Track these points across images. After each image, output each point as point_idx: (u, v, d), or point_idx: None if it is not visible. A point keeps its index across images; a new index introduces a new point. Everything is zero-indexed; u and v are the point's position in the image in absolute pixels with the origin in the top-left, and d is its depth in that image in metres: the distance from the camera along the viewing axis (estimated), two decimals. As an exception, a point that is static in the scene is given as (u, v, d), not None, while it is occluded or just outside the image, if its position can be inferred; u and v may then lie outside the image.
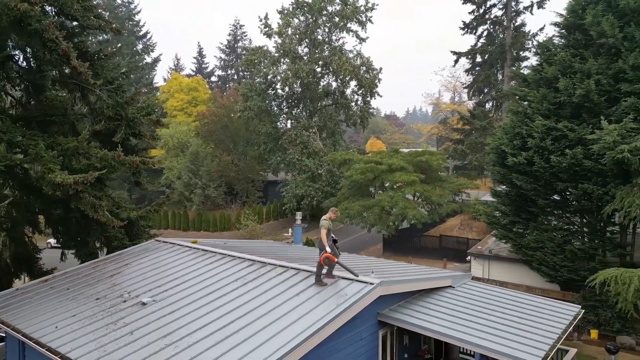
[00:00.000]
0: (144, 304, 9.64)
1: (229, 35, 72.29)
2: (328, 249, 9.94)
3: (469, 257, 27.37)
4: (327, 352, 8.67)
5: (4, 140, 11.44)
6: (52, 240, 32.71)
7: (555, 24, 21.82)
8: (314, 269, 10.30)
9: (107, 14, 59.74)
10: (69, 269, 12.32)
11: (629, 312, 14.86)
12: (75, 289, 10.82)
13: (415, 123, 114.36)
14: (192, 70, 75.96)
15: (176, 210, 47.25)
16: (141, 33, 62.06)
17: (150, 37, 63.11)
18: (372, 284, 9.42)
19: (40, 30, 10.55)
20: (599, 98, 18.07)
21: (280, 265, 10.89)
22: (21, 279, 16.68)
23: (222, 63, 73.42)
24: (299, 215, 17.48)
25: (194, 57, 76.48)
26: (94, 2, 12.88)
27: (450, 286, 12.14)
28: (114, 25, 13.53)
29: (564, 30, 21.62)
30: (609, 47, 18.62)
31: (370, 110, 47.74)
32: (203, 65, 76.80)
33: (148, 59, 63.05)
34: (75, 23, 12.63)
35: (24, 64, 12.81)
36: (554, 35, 23.11)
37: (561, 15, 21.46)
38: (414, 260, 31.10)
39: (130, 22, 61.33)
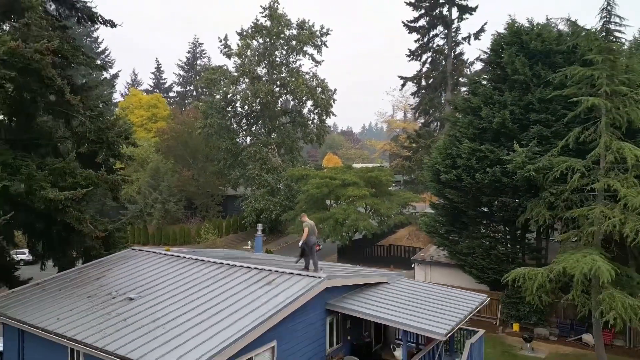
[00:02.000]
0: (131, 299, 11.55)
1: (188, 52, 73.83)
2: (301, 242, 12.69)
3: (413, 264, 30.34)
4: (285, 331, 10.96)
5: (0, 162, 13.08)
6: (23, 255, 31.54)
7: (481, 60, 25.45)
8: (274, 269, 12.58)
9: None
10: (57, 274, 13.93)
11: (535, 304, 17.97)
12: (66, 290, 12.52)
13: (370, 139, 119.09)
14: (150, 86, 76.66)
15: (135, 224, 47.92)
16: (99, 49, 62.51)
17: (108, 54, 63.71)
18: (320, 277, 11.83)
19: (39, 69, 12.34)
20: (513, 125, 21.55)
21: (245, 267, 13.09)
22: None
23: (180, 79, 74.66)
24: (259, 227, 19.65)
25: (152, 73, 77.39)
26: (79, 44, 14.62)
27: (386, 282, 14.72)
28: (98, 62, 15.38)
29: (488, 65, 25.25)
30: (521, 83, 22.22)
31: (326, 128, 50.65)
32: (161, 81, 77.67)
33: (107, 75, 63.44)
34: (65, 61, 14.43)
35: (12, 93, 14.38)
36: (482, 68, 26.81)
37: (485, 52, 25.09)
38: (366, 268, 33.76)
39: (89, 39, 61.74)
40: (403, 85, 48.13)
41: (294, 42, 48.71)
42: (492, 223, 25.00)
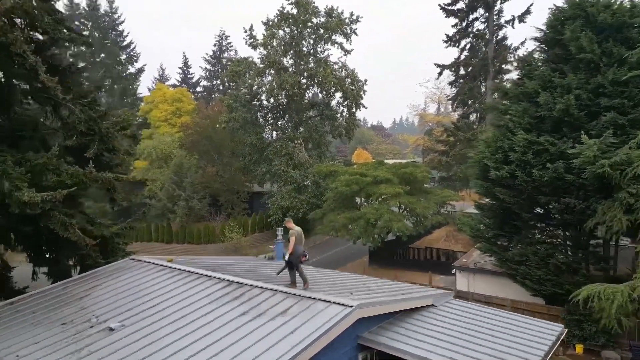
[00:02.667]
0: (111, 329, 9.21)
1: (215, 45, 72.14)
2: (287, 255, 10.87)
3: (454, 270, 27.25)
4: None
5: (-33, 158, 10.99)
6: None
7: (535, 39, 22.01)
8: (292, 292, 10.00)
9: (90, 23, 59.26)
10: (38, 290, 11.81)
11: (613, 328, 14.78)
12: (41, 313, 10.34)
13: (402, 134, 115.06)
14: (177, 81, 75.47)
15: (159, 222, 46.49)
16: (125, 43, 61.51)
17: (134, 48, 62.65)
18: (350, 306, 9.14)
19: (7, 44, 10.18)
20: (579, 113, 18.16)
21: (257, 287, 10.55)
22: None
23: (207, 73, 73.10)
24: (280, 231, 17.08)
25: (179, 68, 76.09)
26: (64, 14, 12.45)
27: (432, 305, 11.91)
28: (85, 38, 13.15)
29: (543, 45, 21.82)
30: (588, 62, 18.78)
31: (355, 122, 47.75)
32: (188, 76, 76.39)
33: (132, 69, 62.50)
34: (45, 37, 12.27)
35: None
36: (534, 49, 23.36)
37: (541, 30, 21.66)
38: (400, 272, 30.91)
39: (114, 32, 60.80)
40: (439, 74, 44.66)
41: (321, 31, 45.92)
42: (549, 227, 21.64)
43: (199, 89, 75.16)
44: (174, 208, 44.91)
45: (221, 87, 69.66)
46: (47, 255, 14.25)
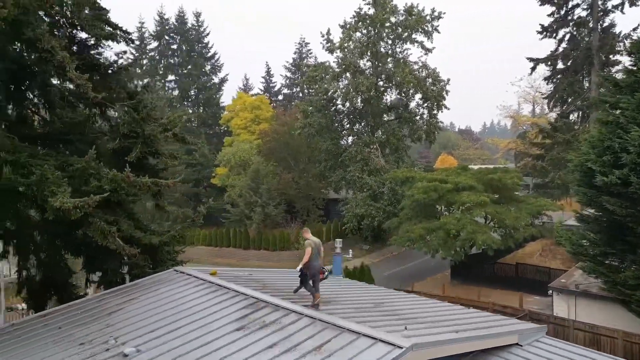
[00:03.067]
0: (125, 355, 8.13)
1: (295, 53, 72.51)
2: (300, 266, 9.81)
3: (550, 292, 23.52)
4: None
5: (9, 161, 10.67)
6: None
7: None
8: (333, 322, 8.20)
9: (178, 37, 62.35)
10: (74, 302, 11.28)
11: None
12: (66, 329, 9.63)
13: (492, 137, 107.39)
14: (260, 90, 76.99)
15: (237, 228, 47.05)
16: (209, 54, 63.87)
17: (218, 59, 64.79)
18: (401, 347, 7.13)
19: (34, 40, 9.74)
20: None
21: (294, 312, 8.90)
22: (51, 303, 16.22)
23: (287, 81, 73.69)
24: (338, 243, 15.32)
25: (262, 77, 77.56)
26: (107, 10, 11.98)
27: (516, 344, 9.42)
28: (130, 34, 12.57)
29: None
30: None
31: (437, 124, 44.62)
32: (271, 85, 77.58)
33: (215, 79, 64.71)
34: (87, 34, 11.87)
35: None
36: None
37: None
38: (485, 290, 27.62)
39: (200, 44, 63.43)
40: (533, 69, 40.25)
41: (400, 30, 43.67)
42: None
43: (280, 97, 76.07)
44: (251, 214, 45.14)
45: (300, 95, 69.75)
46: (96, 264, 13.86)
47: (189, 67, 62.08)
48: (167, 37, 62.89)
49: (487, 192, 29.28)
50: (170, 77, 64.00)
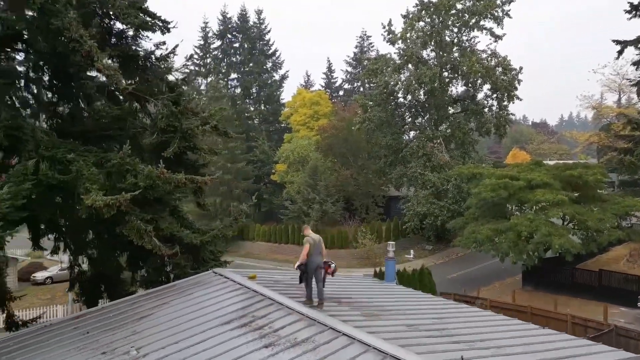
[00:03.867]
0: (141, 369, 7.41)
1: (356, 47, 71.00)
2: (298, 263, 9.60)
3: (641, 305, 20.56)
4: None
5: (47, 157, 10.42)
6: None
7: None
8: (383, 347, 6.88)
9: (240, 36, 63.08)
10: (107, 305, 10.89)
11: None
12: (93, 334, 9.13)
13: (570, 130, 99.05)
14: (321, 86, 76.28)
15: (295, 224, 46.65)
16: (270, 52, 64.06)
17: (279, 56, 64.86)
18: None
19: (62, 29, 9.31)
20: None
21: (330, 328, 7.69)
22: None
23: (348, 76, 72.37)
24: (391, 246, 13.86)
25: (324, 73, 76.91)
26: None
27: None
28: (167, 23, 11.95)
29: None
30: None
31: (508, 117, 41.30)
32: (332, 80, 76.68)
33: (276, 76, 64.83)
34: (123, 24, 11.42)
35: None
36: None
37: None
38: (563, 299, 24.84)
39: (261, 42, 63.78)
40: (619, 53, 35.76)
41: (467, 16, 40.82)
42: None
43: (341, 92, 74.95)
44: (309, 211, 44.51)
45: (361, 89, 68.22)
46: (137, 263, 13.54)
47: (251, 64, 62.68)
48: (229, 36, 63.87)
49: (565, 190, 26.31)
50: (233, 75, 65.06)
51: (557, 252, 25.97)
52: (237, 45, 64.31)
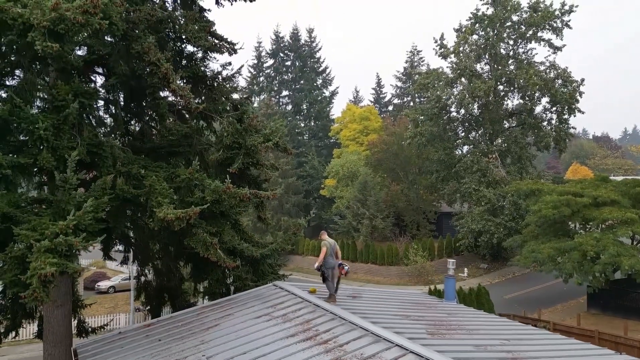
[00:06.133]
0: (213, 378, 7.65)
1: (406, 62, 70.70)
2: (317, 264, 10.75)
3: None
4: None
5: (123, 173, 11.12)
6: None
7: None
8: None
9: (292, 54, 64.64)
10: (175, 314, 11.32)
11: None
12: (165, 342, 9.52)
13: (636, 145, 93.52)
14: (370, 101, 76.46)
15: (345, 240, 46.56)
16: (320, 69, 65.08)
17: (329, 72, 65.75)
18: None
19: (142, 53, 9.99)
20: None
21: (414, 353, 7.55)
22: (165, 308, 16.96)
23: (397, 91, 72.11)
24: (451, 264, 13.55)
25: (372, 88, 77.09)
26: (212, 22, 12.12)
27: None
28: (234, 45, 12.52)
29: None
30: None
31: (568, 131, 39.57)
32: (381, 96, 76.71)
33: (326, 93, 65.68)
34: (193, 47, 12.10)
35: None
36: None
37: None
38: (634, 324, 23.20)
39: (312, 59, 64.98)
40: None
41: (523, 28, 39.78)
42: None
43: (390, 107, 74.71)
44: (358, 226, 44.36)
45: (411, 104, 67.70)
46: (201, 274, 14.02)
47: (302, 82, 63.90)
48: (281, 55, 65.56)
49: (635, 208, 24.77)
50: (285, 93, 66.61)
51: (627, 273, 24.37)
52: (288, 63, 65.85)
